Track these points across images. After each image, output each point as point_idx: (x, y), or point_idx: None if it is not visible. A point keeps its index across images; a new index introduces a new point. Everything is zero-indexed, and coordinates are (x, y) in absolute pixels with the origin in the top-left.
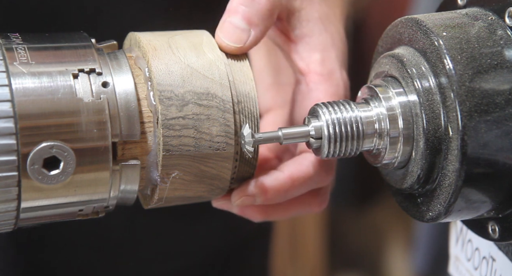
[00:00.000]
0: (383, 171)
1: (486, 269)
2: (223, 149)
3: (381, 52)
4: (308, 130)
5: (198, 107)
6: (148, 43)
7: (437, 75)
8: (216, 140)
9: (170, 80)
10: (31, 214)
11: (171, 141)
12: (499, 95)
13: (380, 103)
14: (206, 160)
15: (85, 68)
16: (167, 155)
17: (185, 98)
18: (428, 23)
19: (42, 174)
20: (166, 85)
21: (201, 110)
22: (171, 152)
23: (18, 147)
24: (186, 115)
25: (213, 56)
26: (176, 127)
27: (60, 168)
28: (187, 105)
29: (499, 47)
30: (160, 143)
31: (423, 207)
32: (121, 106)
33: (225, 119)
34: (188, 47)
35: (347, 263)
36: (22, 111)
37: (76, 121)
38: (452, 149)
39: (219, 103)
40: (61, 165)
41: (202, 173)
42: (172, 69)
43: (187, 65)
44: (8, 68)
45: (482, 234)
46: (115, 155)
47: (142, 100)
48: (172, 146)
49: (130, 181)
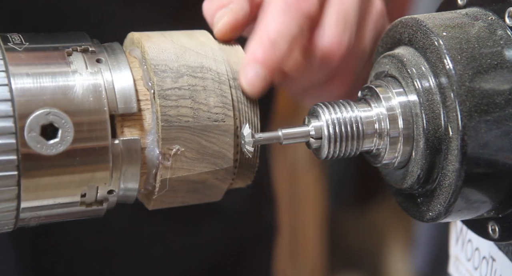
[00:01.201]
0: (383, 171)
1: (486, 269)
2: (222, 121)
3: (381, 52)
4: (308, 130)
5: (193, 78)
6: (141, 34)
7: (437, 75)
8: (215, 111)
9: (164, 56)
10: (33, 203)
11: (169, 111)
12: (499, 95)
13: (380, 103)
14: (207, 134)
15: (78, 48)
16: (166, 126)
17: (180, 71)
18: (428, 23)
19: (41, 142)
20: (160, 60)
21: (196, 82)
22: (170, 123)
23: (15, 114)
24: (181, 86)
25: (206, 39)
26: (173, 97)
27: (59, 136)
28: (182, 77)
29: (499, 47)
30: (159, 115)
31: (423, 207)
32: (116, 80)
33: (221, 90)
34: (181, 34)
35: (347, 263)
36: (18, 92)
37: (71, 92)
38: (452, 149)
39: (214, 76)
40: (59, 133)
41: (204, 149)
42: (165, 48)
43: (180, 45)
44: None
45: (482, 234)
46: (114, 133)
47: (137, 81)
48: (170, 116)
49: (132, 159)
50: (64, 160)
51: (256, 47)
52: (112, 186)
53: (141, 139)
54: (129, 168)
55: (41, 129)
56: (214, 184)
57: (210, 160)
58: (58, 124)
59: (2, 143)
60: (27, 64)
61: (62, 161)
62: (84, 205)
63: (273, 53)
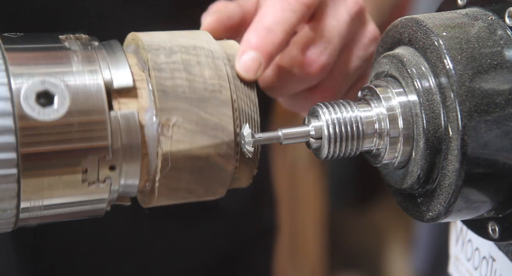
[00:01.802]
0: (383, 171)
1: (486, 269)
2: (219, 92)
3: (381, 52)
4: (308, 130)
5: (186, 55)
6: (139, 33)
7: (437, 75)
8: (210, 82)
9: (157, 40)
10: (34, 195)
11: (164, 81)
12: (499, 95)
13: (380, 103)
14: (205, 105)
15: (72, 36)
16: (163, 96)
17: (173, 49)
18: (428, 23)
19: (37, 108)
20: (152, 42)
21: (190, 57)
22: (166, 93)
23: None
24: (175, 61)
25: (203, 34)
26: (167, 70)
27: (55, 103)
28: (176, 54)
29: (499, 47)
30: (154, 87)
31: (423, 207)
32: (110, 58)
33: (215, 64)
34: (179, 31)
35: (347, 263)
36: (14, 69)
37: (67, 67)
38: (452, 149)
39: (208, 53)
40: (55, 99)
41: (203, 121)
42: (158, 35)
43: (172, 33)
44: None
45: (482, 234)
46: (111, 108)
47: (133, 66)
48: (166, 87)
49: (131, 134)
50: (62, 127)
51: (251, 34)
52: (113, 161)
53: (139, 116)
54: (128, 145)
55: (37, 96)
56: (217, 163)
57: (210, 133)
58: (53, 90)
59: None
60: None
61: (60, 129)
62: (86, 184)
63: (268, 38)
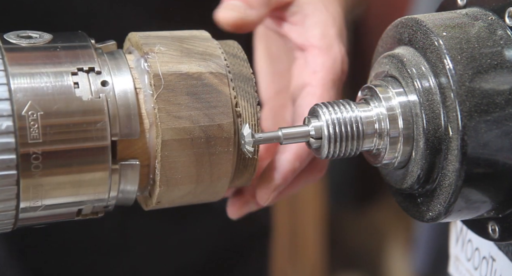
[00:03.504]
0: (383, 171)
1: (486, 269)
2: (201, 34)
3: (381, 52)
4: (308, 130)
5: (178, 32)
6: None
7: (437, 75)
8: (194, 34)
9: (153, 34)
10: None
11: (147, 36)
12: (499, 95)
13: (380, 103)
14: (187, 41)
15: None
16: (143, 37)
17: (163, 33)
18: (428, 23)
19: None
20: (149, 35)
21: (180, 33)
22: (147, 36)
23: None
24: (164, 35)
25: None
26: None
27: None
28: (165, 33)
29: (499, 47)
30: (138, 40)
31: (423, 207)
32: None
33: (210, 44)
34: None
35: (347, 263)
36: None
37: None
38: (452, 149)
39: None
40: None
41: (188, 50)
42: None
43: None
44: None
45: (482, 234)
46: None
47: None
48: (149, 34)
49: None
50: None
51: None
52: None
53: None
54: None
55: None
56: (212, 83)
57: (197, 57)
58: None
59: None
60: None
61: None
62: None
63: None
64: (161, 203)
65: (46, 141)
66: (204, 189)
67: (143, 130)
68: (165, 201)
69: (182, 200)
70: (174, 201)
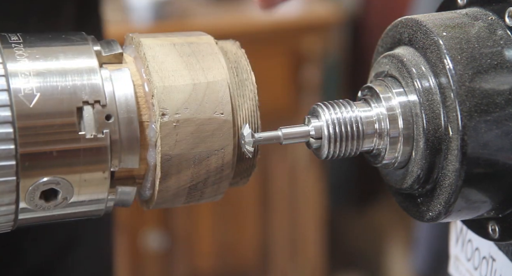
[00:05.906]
0: (383, 171)
1: (486, 269)
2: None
3: (381, 52)
4: (308, 130)
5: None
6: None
7: (437, 75)
8: None
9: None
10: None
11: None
12: (499, 95)
13: (380, 103)
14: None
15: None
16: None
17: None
18: (428, 23)
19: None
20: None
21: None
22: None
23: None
24: None
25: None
26: None
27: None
28: None
29: (499, 47)
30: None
31: (423, 207)
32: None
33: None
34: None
35: (347, 263)
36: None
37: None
38: (452, 149)
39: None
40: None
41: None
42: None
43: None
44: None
45: (482, 234)
46: None
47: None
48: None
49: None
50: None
51: None
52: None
53: None
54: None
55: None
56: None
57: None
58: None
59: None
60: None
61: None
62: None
63: None
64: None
65: None
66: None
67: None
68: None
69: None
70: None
